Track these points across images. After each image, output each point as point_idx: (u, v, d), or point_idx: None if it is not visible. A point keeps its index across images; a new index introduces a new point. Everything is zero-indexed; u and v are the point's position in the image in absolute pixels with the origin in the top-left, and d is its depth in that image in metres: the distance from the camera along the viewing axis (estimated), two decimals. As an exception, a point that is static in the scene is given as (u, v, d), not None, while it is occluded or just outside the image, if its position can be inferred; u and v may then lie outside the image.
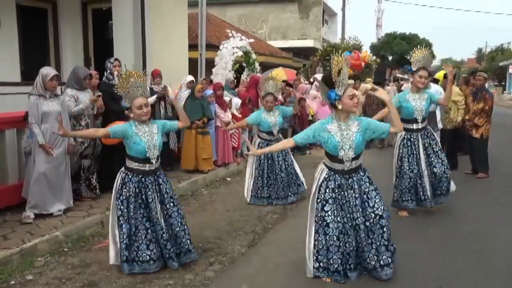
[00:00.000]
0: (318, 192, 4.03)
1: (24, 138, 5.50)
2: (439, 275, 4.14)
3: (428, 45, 43.27)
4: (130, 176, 4.17)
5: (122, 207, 4.15)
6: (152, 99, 6.63)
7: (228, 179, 8.11)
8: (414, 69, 5.71)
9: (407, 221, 5.66)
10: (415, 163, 5.72)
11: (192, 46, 11.76)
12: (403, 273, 4.14)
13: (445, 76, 9.14)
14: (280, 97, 9.84)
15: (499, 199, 6.66)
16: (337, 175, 4.00)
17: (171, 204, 4.29)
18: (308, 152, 10.92)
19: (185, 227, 4.35)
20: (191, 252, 4.37)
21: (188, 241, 4.34)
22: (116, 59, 6.26)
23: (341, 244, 3.91)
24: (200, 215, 6.02)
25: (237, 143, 8.67)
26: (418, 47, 5.84)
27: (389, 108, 4.08)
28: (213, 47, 13.87)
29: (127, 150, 4.18)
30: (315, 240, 4.01)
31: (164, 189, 4.27)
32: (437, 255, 4.58)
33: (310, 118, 11.27)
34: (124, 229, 4.14)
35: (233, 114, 8.43)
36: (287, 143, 4.33)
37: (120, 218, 4.16)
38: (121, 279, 4.09)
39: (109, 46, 8.76)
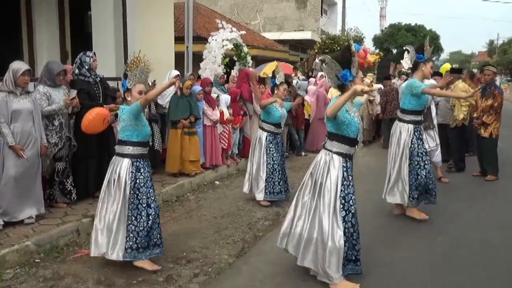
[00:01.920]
0: (344, 179, 4.09)
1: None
2: (443, 285, 4.14)
3: (435, 37, 43.55)
4: (136, 163, 4.41)
5: (135, 195, 4.38)
6: None
7: (217, 182, 8.08)
8: (426, 57, 5.82)
9: (414, 227, 5.65)
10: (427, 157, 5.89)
11: (179, 39, 11.75)
12: (406, 283, 4.14)
13: (454, 71, 9.19)
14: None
15: (509, 204, 6.68)
16: (348, 160, 4.14)
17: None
18: (303, 153, 10.92)
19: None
20: (160, 247, 4.55)
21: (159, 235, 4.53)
22: (94, 53, 6.19)
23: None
24: (185, 222, 5.99)
25: (227, 144, 8.64)
26: (427, 40, 5.88)
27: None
28: (202, 39, 13.87)
29: (133, 136, 4.39)
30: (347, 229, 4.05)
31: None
32: (442, 264, 4.58)
33: (307, 117, 11.25)
34: (144, 217, 4.36)
35: (221, 112, 8.38)
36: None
37: (139, 207, 4.37)
38: (97, 292, 4.06)
39: (88, 39, 8.72)
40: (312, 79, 12.35)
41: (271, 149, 6.59)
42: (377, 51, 20.79)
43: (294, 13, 28.42)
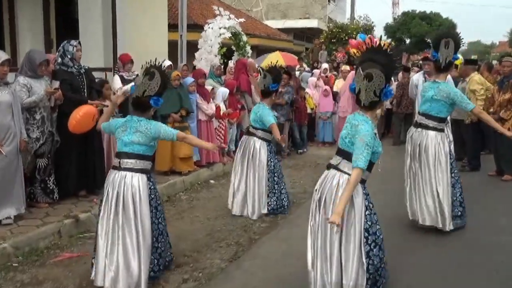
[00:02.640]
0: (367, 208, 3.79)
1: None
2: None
3: (451, 26, 43.36)
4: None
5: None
6: (127, 87, 6.44)
7: (212, 181, 8.07)
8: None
9: (424, 231, 5.62)
10: None
11: (174, 26, 11.73)
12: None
13: (469, 62, 9.15)
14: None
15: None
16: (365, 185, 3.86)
17: None
18: (305, 150, 10.94)
19: None
20: None
21: None
22: (79, 42, 6.19)
23: None
24: (176, 224, 5.98)
25: (223, 139, 8.63)
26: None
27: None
28: (199, 27, 13.81)
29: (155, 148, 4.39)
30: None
31: None
32: (453, 270, 4.58)
33: (310, 111, 11.23)
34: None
35: (218, 106, 8.37)
36: (356, 176, 3.53)
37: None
38: (77, 299, 4.06)
39: (74, 27, 8.70)
40: (316, 71, 12.34)
41: (273, 163, 6.38)
42: (388, 40, 20.64)
43: (300, 0, 28.35)
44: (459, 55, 5.59)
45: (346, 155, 3.69)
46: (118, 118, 4.34)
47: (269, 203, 6.29)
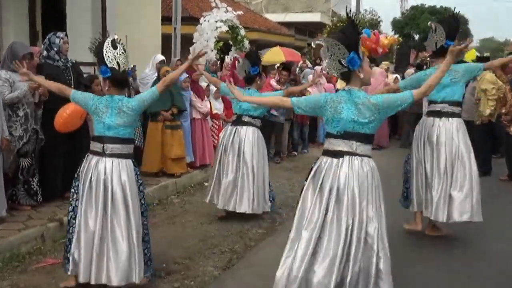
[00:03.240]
0: None
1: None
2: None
3: (463, 21, 43.34)
4: None
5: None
6: None
7: (206, 184, 8.02)
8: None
9: (431, 238, 5.62)
10: None
11: (168, 19, 11.74)
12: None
13: (480, 60, 9.14)
14: (274, 83, 9.86)
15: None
16: None
17: None
18: (306, 151, 10.99)
19: None
20: None
21: None
22: (66, 34, 6.18)
23: None
24: (167, 229, 5.98)
25: (217, 139, 8.62)
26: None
27: None
28: (195, 20, 13.82)
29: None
30: None
31: None
32: (462, 281, 4.56)
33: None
34: None
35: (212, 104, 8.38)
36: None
37: None
38: (60, 308, 4.05)
39: (61, 18, 8.69)
40: (318, 67, 12.34)
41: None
42: (396, 36, 20.58)
43: (302, -8, 28.35)
44: (454, 43, 5.58)
45: (359, 137, 3.65)
46: (94, 95, 4.26)
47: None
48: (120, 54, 4.13)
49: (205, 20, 10.14)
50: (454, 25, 5.52)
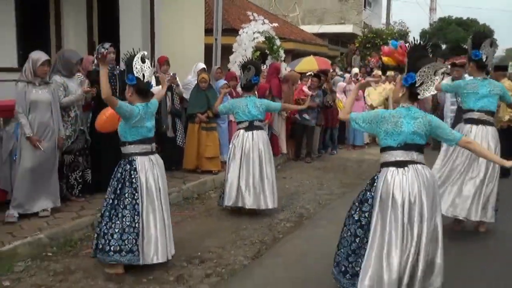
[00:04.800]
0: None
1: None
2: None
3: (489, 32, 42.13)
4: None
5: None
6: (155, 89, 6.54)
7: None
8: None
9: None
10: None
11: (211, 31, 11.80)
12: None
13: (498, 68, 8.88)
14: (306, 89, 9.82)
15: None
16: None
17: None
18: (335, 152, 10.90)
19: None
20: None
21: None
22: (111, 45, 6.29)
23: None
24: (204, 221, 6.03)
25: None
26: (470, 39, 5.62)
27: None
28: (235, 32, 13.87)
29: None
30: None
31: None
32: (477, 279, 4.45)
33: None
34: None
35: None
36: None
37: None
38: (105, 289, 4.13)
39: (116, 29, 8.85)
40: (347, 75, 12.24)
41: None
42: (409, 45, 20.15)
43: (335, 5, 28.14)
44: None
45: (417, 148, 3.67)
46: (137, 107, 4.39)
47: None
48: (146, 68, 4.37)
49: (244, 32, 10.15)
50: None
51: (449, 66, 8.09)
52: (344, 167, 9.51)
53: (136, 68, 4.30)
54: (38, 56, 5.28)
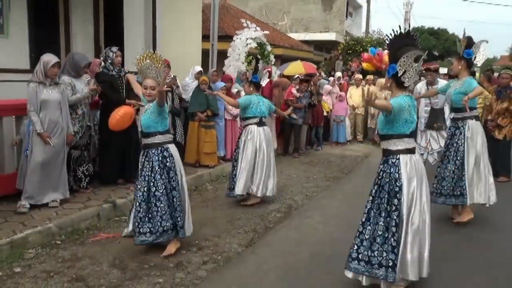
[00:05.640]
0: None
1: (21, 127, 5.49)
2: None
3: (457, 40, 42.28)
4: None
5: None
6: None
7: (236, 174, 7.99)
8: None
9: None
10: None
11: (208, 37, 11.68)
12: None
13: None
14: (294, 91, 9.72)
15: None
16: None
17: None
18: (320, 148, 10.82)
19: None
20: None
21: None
22: (118, 49, 6.17)
23: None
24: (201, 211, 5.92)
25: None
26: (459, 42, 5.52)
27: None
28: (230, 38, 13.75)
29: None
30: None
31: (155, 166, 4.38)
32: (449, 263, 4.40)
33: (325, 114, 11.06)
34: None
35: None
36: None
37: None
38: (110, 274, 4.03)
39: (120, 35, 8.72)
40: (331, 79, 12.19)
41: None
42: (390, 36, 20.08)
43: (320, 15, 27.95)
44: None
45: (415, 135, 3.67)
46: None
47: None
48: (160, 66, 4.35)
49: (237, 38, 10.05)
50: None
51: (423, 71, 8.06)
52: (328, 162, 9.45)
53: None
54: (49, 58, 5.15)
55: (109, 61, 5.97)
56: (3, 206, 5.16)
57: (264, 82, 6.47)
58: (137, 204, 4.36)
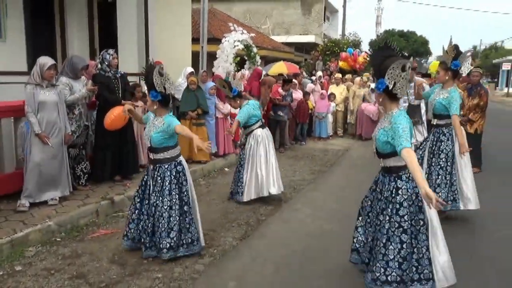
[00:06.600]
0: None
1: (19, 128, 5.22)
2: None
3: (424, 42, 42.67)
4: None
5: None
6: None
7: (226, 169, 7.80)
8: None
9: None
10: None
11: (197, 40, 11.42)
12: None
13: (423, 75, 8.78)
14: (280, 90, 9.56)
15: (487, 193, 6.33)
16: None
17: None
18: (304, 143, 10.67)
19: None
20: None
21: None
22: (115, 51, 5.93)
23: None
24: (195, 206, 5.72)
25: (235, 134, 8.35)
26: (446, 53, 5.22)
27: None
28: (217, 40, 13.51)
29: None
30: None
31: (166, 181, 4.03)
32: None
33: (309, 111, 10.92)
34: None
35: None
36: None
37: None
38: (110, 271, 3.82)
39: (115, 38, 8.45)
40: (314, 78, 12.07)
41: None
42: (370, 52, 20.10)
43: (300, 19, 27.82)
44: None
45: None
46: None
47: None
48: (166, 80, 3.96)
49: (226, 40, 9.82)
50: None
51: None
52: (312, 156, 9.31)
53: (157, 83, 3.87)
54: (45, 61, 4.89)
55: (106, 63, 5.71)
56: (3, 205, 4.90)
57: (241, 87, 6.15)
58: (145, 218, 4.04)
